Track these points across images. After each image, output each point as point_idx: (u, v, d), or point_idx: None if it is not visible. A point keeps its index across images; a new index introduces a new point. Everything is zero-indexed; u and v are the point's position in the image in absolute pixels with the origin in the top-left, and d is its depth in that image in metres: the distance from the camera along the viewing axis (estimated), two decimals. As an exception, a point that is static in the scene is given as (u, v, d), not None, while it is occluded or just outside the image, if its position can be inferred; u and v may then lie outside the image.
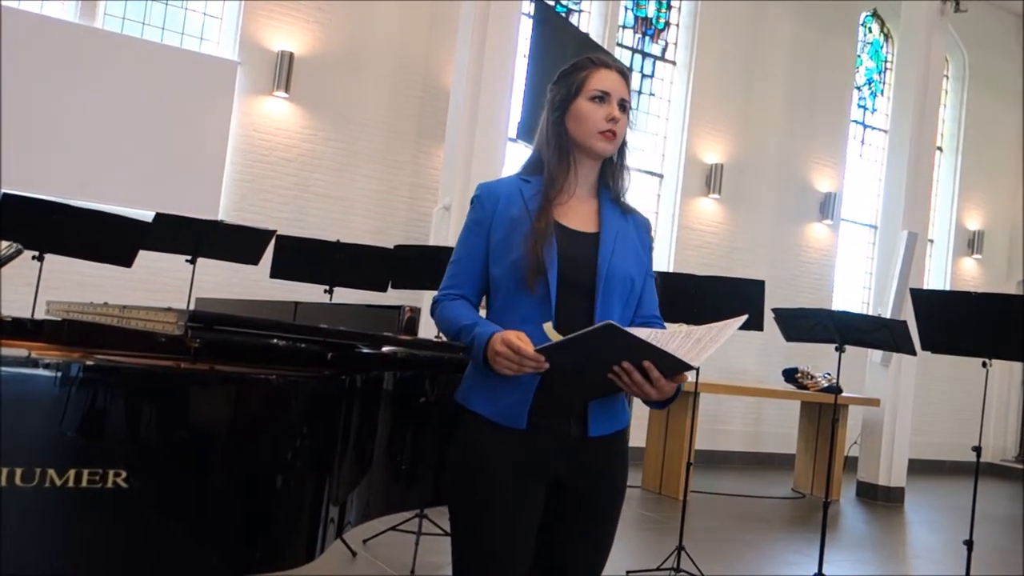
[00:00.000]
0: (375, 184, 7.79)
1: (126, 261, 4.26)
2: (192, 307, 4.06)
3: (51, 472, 1.41)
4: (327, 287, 4.81)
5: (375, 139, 7.82)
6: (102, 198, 5.98)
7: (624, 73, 1.97)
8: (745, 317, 1.80)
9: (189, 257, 4.62)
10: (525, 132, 6.30)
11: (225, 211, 7.05)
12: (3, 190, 4.27)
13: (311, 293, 4.91)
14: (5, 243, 1.93)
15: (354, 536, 4.25)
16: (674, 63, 9.73)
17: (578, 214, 1.92)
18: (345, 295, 4.88)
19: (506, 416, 1.80)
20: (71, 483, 1.43)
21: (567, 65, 1.99)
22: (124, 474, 1.46)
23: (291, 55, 7.40)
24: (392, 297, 5.01)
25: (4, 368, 1.41)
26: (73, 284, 5.72)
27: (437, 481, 2.12)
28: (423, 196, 7.89)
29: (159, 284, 6.34)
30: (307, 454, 1.70)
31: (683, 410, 6.70)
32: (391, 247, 4.92)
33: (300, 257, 4.70)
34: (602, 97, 1.90)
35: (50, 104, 6.48)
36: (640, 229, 2.00)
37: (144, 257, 4.50)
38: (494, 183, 1.96)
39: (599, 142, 1.90)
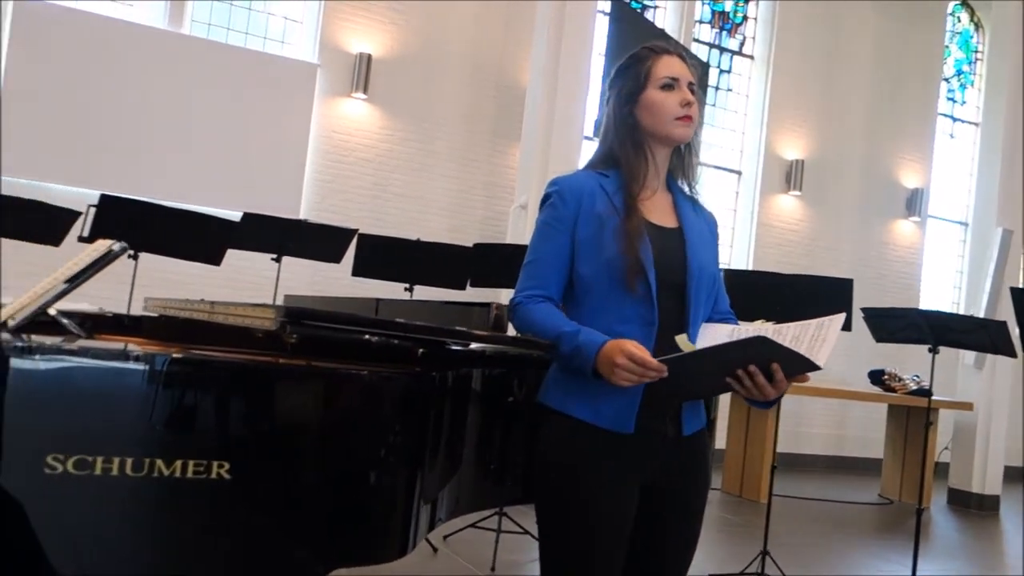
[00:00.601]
0: (451, 183, 7.84)
1: (215, 259, 4.37)
2: (283, 304, 4.13)
3: (159, 462, 1.44)
4: (407, 285, 4.85)
5: (451, 139, 7.86)
6: (190, 199, 6.14)
7: (684, 58, 1.93)
8: (843, 315, 1.76)
9: (274, 256, 4.71)
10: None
11: (306, 211, 7.18)
12: (100, 191, 4.41)
13: (391, 291, 4.96)
14: (109, 241, 1.98)
15: (435, 532, 4.27)
16: (752, 58, 9.57)
17: (658, 209, 1.88)
18: (424, 293, 4.92)
19: (612, 421, 1.77)
20: (177, 473, 1.45)
21: (624, 59, 1.94)
22: (227, 466, 1.49)
23: (369, 57, 7.50)
24: (469, 295, 5.02)
25: (114, 362, 1.44)
26: (164, 282, 5.88)
27: (525, 479, 2.11)
28: (499, 195, 7.91)
29: (245, 282, 6.47)
30: (400, 450, 1.70)
31: (764, 411, 6.57)
32: (468, 246, 4.94)
33: (381, 255, 4.75)
34: (671, 84, 1.86)
35: (141, 109, 6.68)
36: (709, 222, 1.97)
37: (230, 256, 4.61)
38: (571, 178, 1.89)
39: (677, 128, 1.85)
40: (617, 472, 1.78)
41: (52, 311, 1.78)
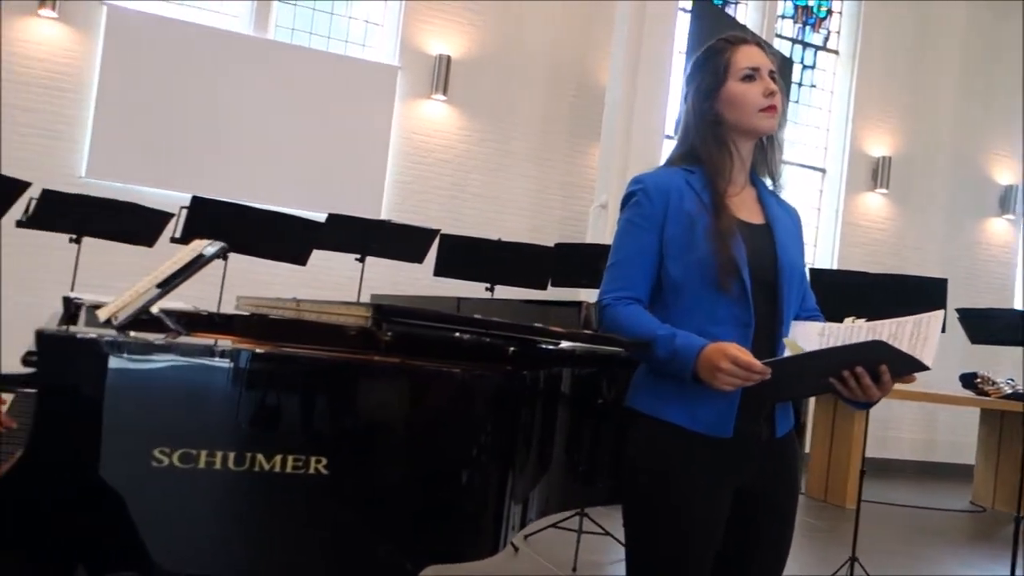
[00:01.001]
0: (530, 183, 7.85)
1: (301, 260, 4.45)
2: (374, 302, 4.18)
3: (260, 457, 1.47)
4: (488, 285, 4.87)
5: (530, 139, 7.87)
6: (275, 201, 6.27)
7: (763, 46, 1.88)
8: (942, 312, 1.70)
9: (358, 256, 4.78)
10: (684, 128, 6.19)
11: (386, 212, 7.27)
12: (189, 194, 4.54)
13: (471, 291, 4.98)
14: (206, 241, 2.04)
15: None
16: (837, 52, 9.34)
17: (745, 205, 1.84)
18: (504, 293, 4.93)
19: (710, 425, 1.73)
20: (277, 468, 1.48)
21: (700, 53, 1.89)
22: (324, 461, 1.51)
23: (448, 58, 7.56)
24: (548, 295, 5.02)
25: (216, 359, 1.48)
26: (251, 282, 6.02)
27: (613, 481, 2.09)
28: (577, 195, 7.88)
29: (328, 282, 6.59)
30: (492, 449, 1.71)
31: (851, 415, 6.41)
32: (549, 246, 4.94)
33: (463, 255, 4.78)
34: (752, 74, 1.80)
35: (228, 113, 6.86)
36: (793, 217, 1.92)
37: (314, 256, 4.69)
38: (656, 175, 1.84)
39: (763, 120, 1.80)
40: (712, 476, 1.74)
41: (154, 309, 1.83)
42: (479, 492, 1.70)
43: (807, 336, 1.75)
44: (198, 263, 1.78)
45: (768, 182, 1.92)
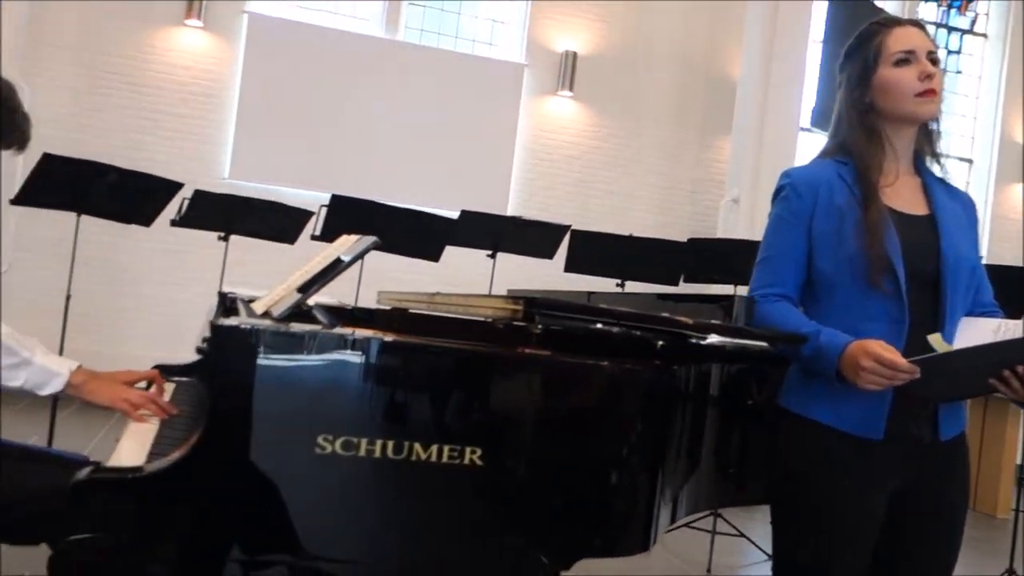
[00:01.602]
0: (657, 179, 7.75)
1: (435, 256, 4.52)
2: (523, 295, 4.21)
3: (417, 446, 1.49)
4: (619, 280, 4.82)
5: (658, 134, 7.77)
6: (404, 198, 6.40)
7: (920, 25, 1.77)
8: None
9: (490, 252, 4.82)
10: (821, 119, 5.98)
11: (513, 208, 7.32)
12: (324, 193, 4.67)
13: (601, 287, 4.94)
14: (356, 236, 2.08)
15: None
16: (985, 36, 8.83)
17: (905, 195, 1.74)
18: (635, 290, 4.87)
19: (858, 426, 1.66)
20: (433, 457, 1.50)
21: (852, 39, 1.80)
22: (479, 452, 1.52)
23: (574, 54, 7.54)
24: (679, 292, 4.93)
25: (374, 350, 1.51)
26: (385, 279, 6.15)
27: (763, 480, 2.03)
28: (707, 190, 7.73)
29: (458, 279, 6.66)
30: (643, 444, 1.68)
31: (1003, 416, 6.05)
32: (681, 241, 4.85)
33: (594, 251, 4.75)
34: (906, 58, 1.71)
35: (361, 113, 7.05)
36: (967, 207, 1.81)
37: (444, 253, 4.75)
38: (806, 169, 1.79)
39: (920, 106, 1.71)
40: (862, 479, 1.67)
41: (310, 302, 1.89)
42: (630, 488, 1.67)
43: (981, 332, 1.65)
44: (352, 257, 1.81)
45: (936, 169, 1.81)
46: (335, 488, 1.51)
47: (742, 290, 3.89)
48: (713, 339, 1.97)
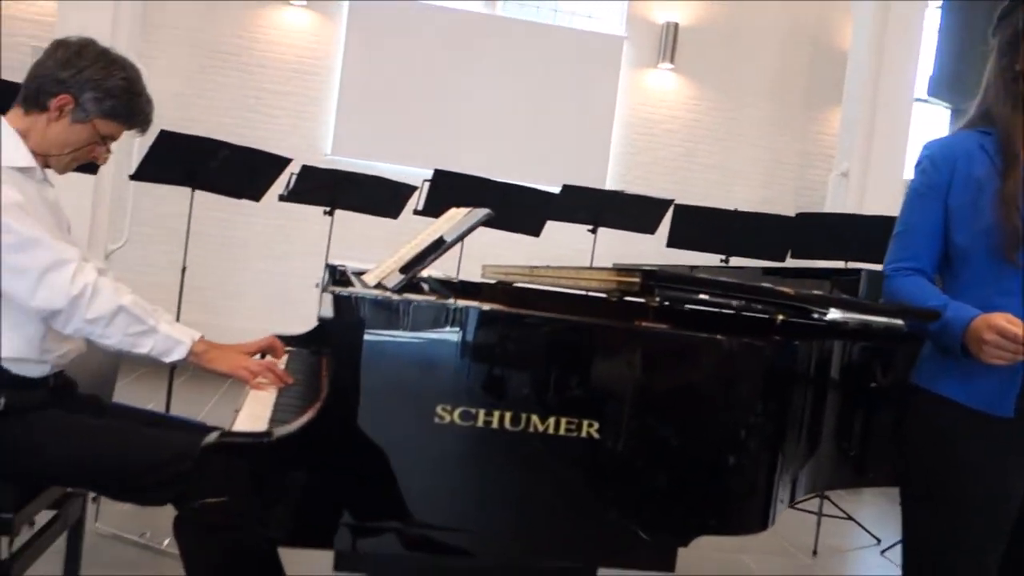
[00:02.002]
0: (761, 152, 7.55)
1: (535, 231, 4.51)
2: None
3: (534, 418, 1.48)
4: (723, 256, 4.73)
5: (762, 106, 7.56)
6: (504, 173, 6.40)
7: None
8: None
9: (590, 227, 4.78)
10: (940, 88, 5.71)
11: (611, 183, 7.25)
12: (424, 169, 4.70)
13: (703, 262, 4.85)
14: (466, 209, 2.08)
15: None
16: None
17: None
18: (739, 265, 4.77)
19: (987, 402, 1.61)
20: (551, 429, 1.49)
21: (1005, 3, 1.70)
22: (596, 425, 1.50)
23: (676, 26, 7.38)
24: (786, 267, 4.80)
25: (495, 322, 1.50)
26: (485, 254, 6.19)
27: (885, 465, 1.96)
28: (814, 163, 7.50)
29: (556, 253, 6.64)
30: (763, 421, 1.64)
31: None
32: (788, 216, 4.72)
33: (697, 226, 4.66)
34: None
35: (460, 89, 7.07)
36: None
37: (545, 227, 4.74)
38: (945, 140, 1.73)
39: None
40: (993, 457, 1.61)
41: (424, 274, 1.90)
42: (750, 467, 1.64)
43: None
44: (466, 229, 1.81)
45: None
46: (451, 457, 1.52)
47: (853, 266, 3.76)
48: (835, 315, 1.90)
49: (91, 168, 2.54)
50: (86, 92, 1.95)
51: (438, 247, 1.81)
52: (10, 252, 1.78)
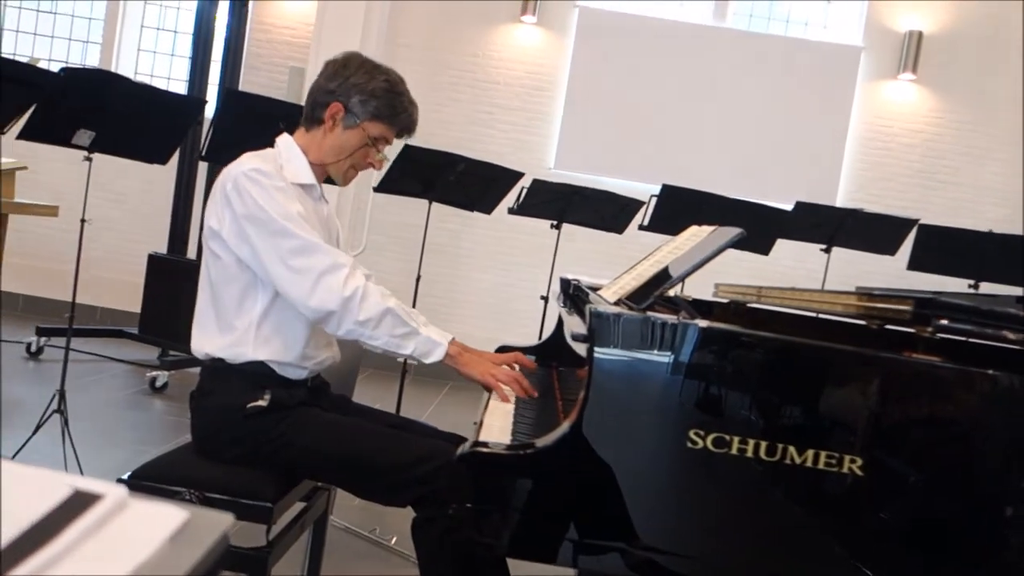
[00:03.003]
0: (1012, 168, 6.92)
1: (765, 249, 4.36)
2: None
3: (791, 449, 1.42)
4: (972, 281, 4.37)
5: (1014, 119, 6.93)
6: (729, 188, 6.26)
7: None
8: None
9: (824, 247, 4.57)
10: None
11: (841, 199, 6.90)
12: (648, 184, 4.67)
13: (945, 286, 4.51)
14: (709, 228, 2.03)
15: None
16: None
17: None
18: (989, 291, 4.39)
19: None
20: (808, 462, 1.42)
21: None
22: (859, 462, 1.41)
23: (920, 34, 6.93)
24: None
25: (755, 347, 1.45)
26: (707, 272, 6.08)
27: None
28: (1076, 181, 6.79)
29: (782, 274, 6.42)
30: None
31: None
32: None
33: (943, 247, 4.34)
34: None
35: (686, 103, 6.98)
36: None
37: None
38: None
39: None
40: None
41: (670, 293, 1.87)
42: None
43: None
44: (718, 249, 1.77)
45: None
46: (695, 482, 1.48)
47: None
48: None
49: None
50: (353, 97, 2.08)
51: (690, 266, 1.78)
52: (293, 255, 1.92)
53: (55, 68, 3.21)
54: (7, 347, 5.32)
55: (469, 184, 3.99)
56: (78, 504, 0.40)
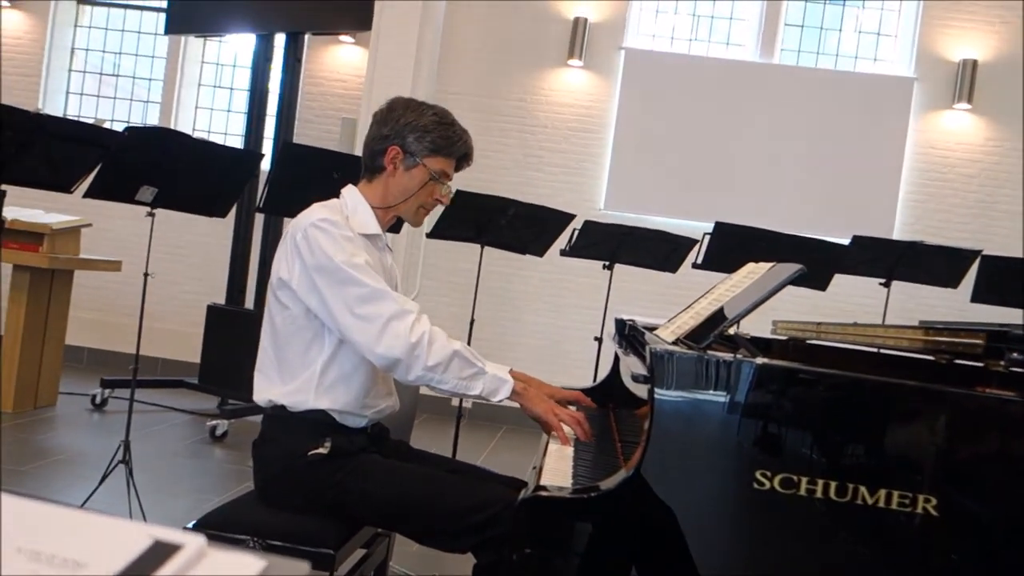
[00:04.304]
0: (1077, 197, 6.75)
1: (822, 285, 4.29)
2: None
3: (863, 490, 1.38)
4: (1041, 313, 4.25)
5: (1075, 146, 6.78)
6: (783, 224, 6.20)
7: None
8: None
9: (882, 280, 4.48)
10: None
11: (898, 232, 6.78)
12: (699, 223, 4.65)
13: (1007, 318, 4.39)
14: (768, 264, 2.01)
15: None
16: None
17: None
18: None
19: None
20: (881, 503, 1.38)
21: None
22: (934, 502, 1.37)
23: (974, 63, 6.83)
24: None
25: (823, 386, 1.42)
26: (762, 310, 6.00)
27: None
28: None
29: (840, 309, 6.30)
30: None
31: None
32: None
33: (1008, 278, 4.23)
34: None
35: (737, 141, 6.95)
36: None
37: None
38: None
39: None
40: None
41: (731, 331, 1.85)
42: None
43: None
44: (778, 285, 1.75)
45: None
46: (762, 524, 1.45)
47: None
48: None
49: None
50: (408, 136, 2.10)
51: (749, 303, 1.76)
52: (360, 303, 1.94)
53: (119, 128, 3.31)
54: (73, 399, 5.44)
55: (521, 227, 4.01)
56: (160, 554, 0.40)
